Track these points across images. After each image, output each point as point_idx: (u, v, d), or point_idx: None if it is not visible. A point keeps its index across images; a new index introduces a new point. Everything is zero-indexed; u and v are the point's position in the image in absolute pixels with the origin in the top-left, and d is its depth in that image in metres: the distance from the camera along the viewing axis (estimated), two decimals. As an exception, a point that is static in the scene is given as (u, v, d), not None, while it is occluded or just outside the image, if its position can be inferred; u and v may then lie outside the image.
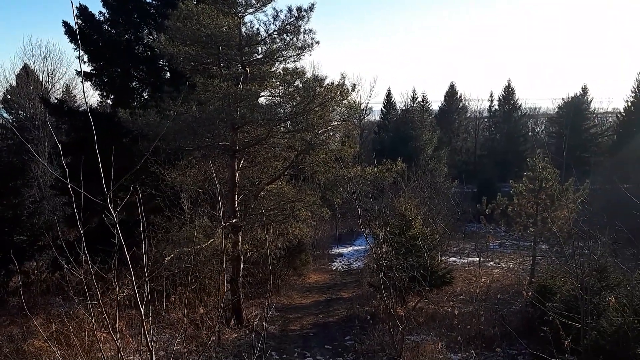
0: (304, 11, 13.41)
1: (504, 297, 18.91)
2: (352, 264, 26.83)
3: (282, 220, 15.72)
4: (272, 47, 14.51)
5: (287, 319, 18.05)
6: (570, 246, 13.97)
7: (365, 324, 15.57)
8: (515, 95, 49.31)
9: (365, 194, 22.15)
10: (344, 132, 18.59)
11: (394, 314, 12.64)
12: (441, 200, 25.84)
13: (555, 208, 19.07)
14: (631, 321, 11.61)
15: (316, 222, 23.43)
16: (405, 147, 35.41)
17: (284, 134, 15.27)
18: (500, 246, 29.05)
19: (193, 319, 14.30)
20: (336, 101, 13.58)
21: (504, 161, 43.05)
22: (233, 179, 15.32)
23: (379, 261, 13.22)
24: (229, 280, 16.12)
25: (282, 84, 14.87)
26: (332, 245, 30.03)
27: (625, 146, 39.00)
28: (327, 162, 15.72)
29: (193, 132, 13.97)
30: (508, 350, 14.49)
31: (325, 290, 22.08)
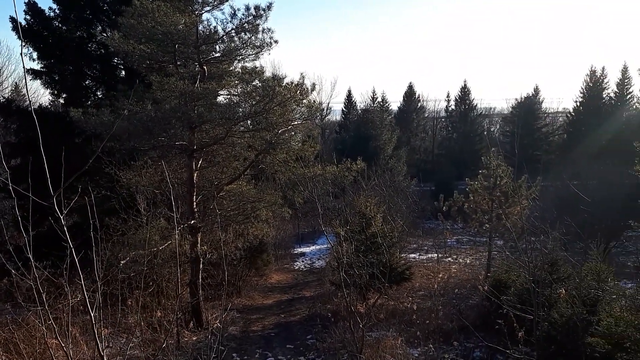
0: (262, 10, 13.35)
1: (461, 291, 19.41)
2: (314, 262, 26.90)
3: (243, 221, 15.59)
4: (230, 45, 14.36)
5: (248, 319, 17.93)
6: (523, 241, 14.49)
7: (327, 322, 15.66)
8: (471, 96, 50.70)
9: (326, 193, 22.28)
10: (305, 132, 18.59)
11: (354, 312, 12.75)
12: (400, 198, 26.30)
13: (509, 204, 19.75)
14: (580, 312, 12.12)
15: (278, 222, 23.36)
16: (366, 147, 35.80)
17: (243, 134, 15.14)
18: (457, 242, 29.84)
19: (150, 322, 13.99)
20: (296, 100, 13.58)
21: (461, 160, 44.14)
22: (191, 180, 15.08)
23: (340, 259, 13.31)
24: (187, 282, 15.86)
25: (240, 83, 14.74)
26: (294, 244, 29.99)
27: (575, 145, 40.81)
28: (288, 161, 15.70)
29: (149, 131, 13.65)
30: (465, 344, 14.89)
31: (288, 289, 22.06)
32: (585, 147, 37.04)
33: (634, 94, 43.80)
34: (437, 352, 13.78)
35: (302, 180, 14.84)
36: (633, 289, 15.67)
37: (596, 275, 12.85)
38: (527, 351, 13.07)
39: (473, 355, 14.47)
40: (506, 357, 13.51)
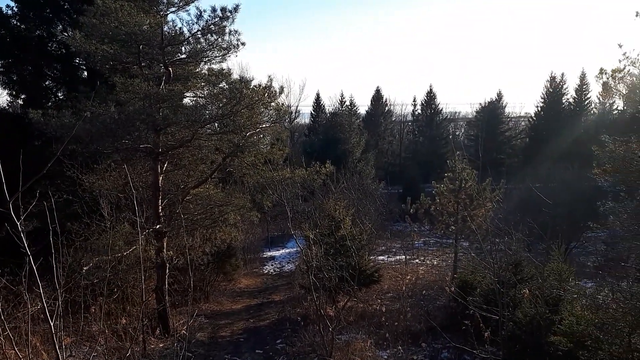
0: (228, 12, 13.21)
1: (429, 293, 19.67)
2: (284, 266, 26.77)
3: (210, 225, 15.35)
4: (196, 47, 14.16)
5: (216, 325, 17.67)
6: (487, 243, 14.82)
7: (297, 326, 15.59)
8: (436, 100, 51.61)
9: (295, 196, 22.22)
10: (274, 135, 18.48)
11: (324, 315, 12.74)
12: (369, 201, 26.48)
13: (474, 207, 20.14)
14: (543, 311, 12.45)
15: (246, 226, 23.12)
16: (335, 150, 35.91)
17: (210, 136, 14.93)
18: (425, 244, 30.25)
19: (115, 330, 13.61)
20: (264, 103, 13.49)
21: (427, 163, 44.86)
22: (156, 183, 14.76)
23: (309, 263, 13.28)
24: (153, 288, 15.51)
25: (207, 85, 14.54)
26: (263, 248, 29.76)
27: (537, 148, 42.08)
28: (257, 164, 15.58)
29: (112, 134, 13.30)
30: (433, 345, 15.08)
31: (257, 294, 21.86)
32: (546, 151, 38.21)
33: (592, 100, 45.58)
34: (405, 353, 13.91)
35: (271, 184, 14.76)
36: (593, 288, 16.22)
37: (558, 275, 13.23)
38: (493, 351, 13.34)
39: (441, 356, 14.66)
40: (473, 357, 13.77)
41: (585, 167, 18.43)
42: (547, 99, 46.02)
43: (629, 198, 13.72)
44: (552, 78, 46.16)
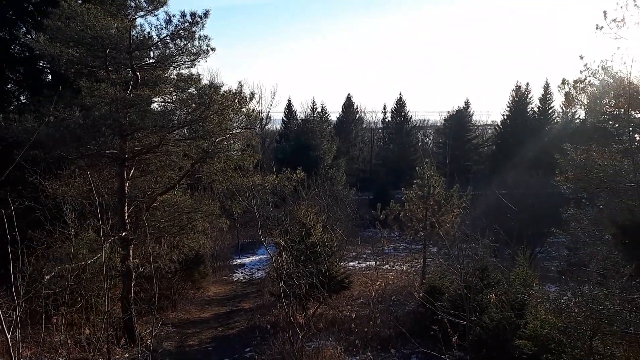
0: (198, 17, 13.10)
1: (398, 298, 19.82)
2: (254, 273, 26.52)
3: (178, 232, 15.10)
4: (165, 52, 13.97)
5: (184, 334, 17.37)
6: (455, 248, 15.06)
7: (266, 334, 15.46)
8: (406, 108, 52.29)
9: (266, 202, 22.09)
10: (244, 141, 18.37)
11: (294, 322, 12.66)
12: (340, 207, 26.56)
13: (442, 213, 20.46)
14: (509, 316, 12.71)
15: (216, 233, 22.85)
16: (306, 156, 35.91)
17: (179, 142, 14.71)
18: (394, 250, 30.51)
19: (78, 340, 13.23)
20: (234, 109, 13.40)
21: (397, 170, 45.35)
22: (122, 189, 14.45)
23: (280, 270, 13.20)
24: (119, 297, 15.13)
25: (176, 90, 14.36)
26: (233, 255, 29.43)
27: (503, 156, 43.12)
28: (226, 170, 15.42)
29: (77, 139, 12.96)
30: (402, 350, 15.18)
31: (226, 302, 21.59)
32: (512, 158, 39.16)
33: (555, 109, 47.02)
34: (375, 359, 13.96)
35: (241, 190, 14.63)
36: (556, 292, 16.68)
37: (523, 280, 13.55)
38: (461, 355, 13.53)
39: (410, 361, 14.79)
40: (441, 362, 13.92)
41: (549, 174, 18.99)
42: (513, 107, 47.28)
43: (589, 205, 14.22)
44: (517, 88, 47.47)
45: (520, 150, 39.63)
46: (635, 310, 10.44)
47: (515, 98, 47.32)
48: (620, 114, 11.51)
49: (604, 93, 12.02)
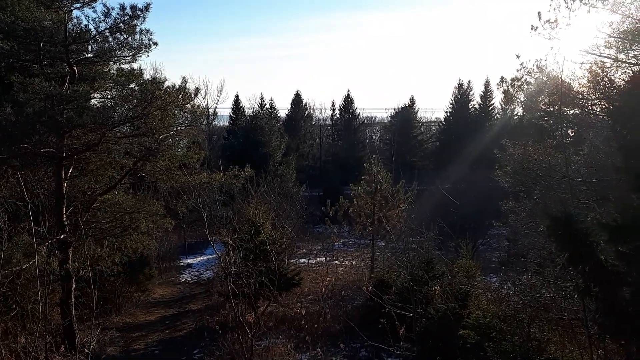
0: (139, 10, 12.61)
1: (347, 293, 20.06)
2: (202, 274, 26.03)
3: (120, 234, 14.52)
4: (103, 46, 13.38)
5: (129, 338, 16.84)
6: (401, 242, 15.38)
7: (215, 335, 15.23)
8: (354, 105, 52.84)
9: (213, 201, 21.69)
10: (190, 138, 17.91)
11: (243, 322, 12.53)
12: (290, 204, 26.50)
13: (389, 208, 20.87)
14: (453, 306, 13.11)
15: (161, 233, 22.21)
16: (255, 153, 35.54)
17: (120, 139, 14.13)
18: (344, 245, 30.84)
19: (14, 349, 12.49)
20: (178, 105, 13.03)
21: (346, 166, 45.73)
22: (60, 190, 13.74)
23: (228, 269, 13.00)
24: (58, 302, 14.41)
25: (116, 86, 13.78)
26: (180, 256, 28.72)
27: (446, 151, 44.46)
28: (171, 169, 14.97)
29: (9, 137, 12.20)
30: (352, 344, 15.37)
31: (173, 304, 21.09)
32: (455, 154, 40.41)
33: (495, 106, 49.00)
34: (325, 355, 14.05)
35: (187, 189, 14.27)
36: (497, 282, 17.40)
37: (466, 271, 14.02)
38: (408, 347, 13.85)
39: (359, 355, 14.99)
40: (389, 354, 14.21)
41: (490, 169, 19.74)
42: (456, 105, 48.84)
43: (527, 198, 14.94)
44: (459, 85, 49.07)
45: (462, 146, 40.94)
46: (569, 298, 11.05)
47: (458, 95, 48.91)
48: (554, 111, 12.10)
49: (539, 91, 12.63)
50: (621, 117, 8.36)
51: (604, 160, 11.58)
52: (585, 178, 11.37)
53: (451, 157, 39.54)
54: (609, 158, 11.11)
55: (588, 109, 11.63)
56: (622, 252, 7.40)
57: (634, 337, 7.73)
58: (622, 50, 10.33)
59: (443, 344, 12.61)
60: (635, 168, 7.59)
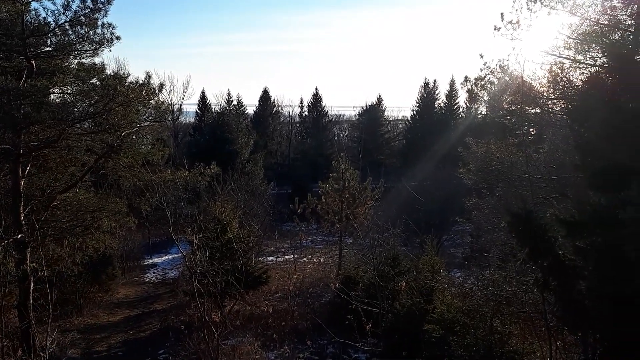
0: (100, 3, 12.22)
1: (315, 290, 20.10)
2: (167, 273, 25.58)
3: (81, 233, 14.08)
4: (63, 39, 12.92)
5: (91, 340, 16.42)
6: (369, 239, 15.53)
7: (181, 335, 15.01)
8: (322, 103, 52.95)
9: (178, 199, 21.33)
10: (154, 134, 17.54)
11: (209, 321, 12.38)
12: (257, 202, 26.33)
13: (356, 205, 21.03)
14: (418, 302, 13.31)
15: (124, 232, 21.70)
16: (222, 150, 35.14)
17: (80, 136, 13.70)
18: (312, 242, 30.90)
19: (-33, 355, 11.96)
20: (141, 101, 12.71)
21: (315, 163, 45.79)
22: (17, 188, 13.22)
23: (193, 268, 12.81)
24: (15, 305, 13.88)
25: (76, 81, 13.34)
26: (144, 255, 28.15)
27: (413, 149, 45.09)
28: (134, 166, 14.60)
29: (-40, 133, 11.66)
30: (319, 341, 15.42)
31: (137, 304, 20.66)
32: (421, 152, 41.03)
33: (460, 105, 49.97)
34: (292, 352, 14.05)
35: (151, 186, 13.97)
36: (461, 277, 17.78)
37: (431, 267, 14.25)
38: (375, 342, 14.01)
39: (327, 351, 15.05)
40: (356, 350, 14.33)
41: (455, 167, 20.14)
42: (422, 103, 49.59)
43: (489, 195, 15.32)
44: (425, 84, 49.82)
45: (428, 144, 41.60)
46: (529, 292, 11.39)
47: (424, 94, 49.66)
48: (516, 110, 12.40)
49: (502, 90, 12.92)
50: (579, 116, 8.67)
51: (563, 158, 11.98)
52: (545, 175, 11.72)
53: (417, 155, 40.11)
54: (567, 156, 11.50)
55: (548, 108, 11.97)
56: (579, 247, 7.68)
57: (590, 329, 8.03)
58: (580, 51, 10.67)
59: (409, 338, 12.79)
60: (592, 166, 7.88)
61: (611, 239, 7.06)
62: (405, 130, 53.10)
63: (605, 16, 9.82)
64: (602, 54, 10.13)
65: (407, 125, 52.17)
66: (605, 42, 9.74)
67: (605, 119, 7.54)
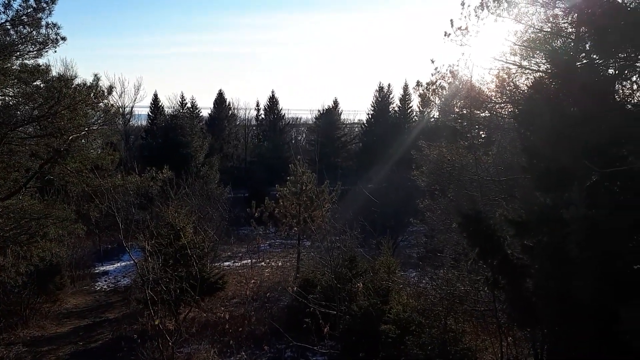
0: (44, 2, 11.72)
1: (273, 295, 19.95)
2: (120, 281, 24.75)
3: (26, 241, 13.41)
4: (4, 39, 12.30)
5: (38, 352, 15.68)
6: (326, 241, 15.58)
7: (134, 344, 14.52)
8: (279, 106, 52.74)
9: (129, 204, 20.71)
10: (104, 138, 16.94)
11: (163, 329, 12.07)
12: (213, 206, 25.91)
13: (314, 208, 21.08)
14: (375, 302, 13.47)
15: (73, 240, 20.85)
16: (175, 154, 34.41)
17: (24, 140, 13.08)
18: (270, 246, 30.69)
19: None
20: (89, 104, 12.28)
21: (272, 167, 45.50)
22: (-46, 195, 12.49)
23: (146, 276, 12.47)
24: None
25: (19, 83, 12.73)
26: (95, 263, 27.13)
27: (369, 152, 45.62)
28: (82, 171, 14.07)
29: None
30: (277, 346, 15.32)
31: (88, 313, 19.88)
32: (377, 155, 41.56)
33: (414, 109, 50.98)
34: (249, 358, 13.89)
35: (100, 192, 13.49)
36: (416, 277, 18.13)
37: (387, 267, 14.46)
38: (333, 345, 14.04)
39: (284, 356, 14.97)
40: (314, 353, 14.33)
41: (409, 169, 20.49)
42: (377, 107, 50.30)
43: (442, 196, 15.70)
44: (380, 88, 50.56)
45: (384, 147, 42.20)
46: (481, 290, 11.74)
47: (379, 98, 50.38)
48: (466, 114, 12.76)
49: (453, 94, 13.27)
50: (525, 120, 9.01)
51: (511, 160, 12.43)
52: (494, 177, 12.13)
53: (373, 158, 40.59)
54: (515, 158, 11.93)
55: (496, 112, 12.40)
56: (526, 245, 7.97)
57: (538, 325, 8.35)
58: (525, 57, 11.12)
59: (366, 339, 12.91)
60: (537, 168, 8.21)
61: (555, 238, 7.38)
62: (361, 134, 53.65)
63: (548, 24, 10.28)
64: (545, 60, 10.59)
65: (363, 128, 52.75)
66: (548, 48, 10.18)
67: (549, 123, 7.88)
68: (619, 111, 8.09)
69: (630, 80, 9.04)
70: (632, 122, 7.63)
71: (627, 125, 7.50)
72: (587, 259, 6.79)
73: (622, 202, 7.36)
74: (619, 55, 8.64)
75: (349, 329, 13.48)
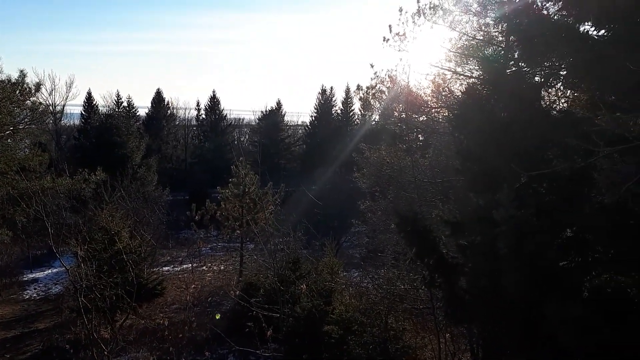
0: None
1: (215, 299, 19.61)
2: (51, 289, 23.43)
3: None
4: None
5: (-47, 371, 14.56)
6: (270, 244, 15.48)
7: (67, 355, 13.86)
8: (221, 106, 51.94)
9: (60, 208, 19.66)
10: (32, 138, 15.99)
11: (97, 338, 11.54)
12: (150, 209, 25.08)
13: (257, 210, 20.91)
14: (318, 304, 13.54)
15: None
16: (110, 155, 33.04)
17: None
18: (212, 250, 30.15)
19: None
20: (14, 101, 11.56)
21: (214, 168, 44.68)
22: None
23: (78, 283, 11.85)
24: None
25: None
26: (24, 270, 25.51)
27: (312, 154, 45.89)
28: (7, 173, 13.24)
29: None
30: (219, 351, 15.07)
31: (14, 324, 18.68)
32: (320, 157, 41.82)
33: (355, 112, 51.79)
34: (190, 365, 13.57)
35: (27, 195, 12.71)
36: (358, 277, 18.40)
37: (330, 268, 14.58)
38: (276, 348, 13.99)
39: (227, 361, 14.75)
40: (258, 357, 14.21)
41: (351, 171, 20.80)
42: (320, 109, 50.74)
43: (382, 198, 16.07)
44: (323, 91, 51.02)
45: (327, 149, 42.54)
46: (420, 289, 12.10)
47: (322, 101, 50.84)
48: (405, 118, 13.13)
49: (392, 98, 13.63)
50: (458, 124, 9.36)
51: (446, 163, 12.90)
52: (431, 179, 12.56)
53: (317, 160, 40.83)
54: (450, 161, 12.39)
55: (433, 117, 12.85)
56: (461, 245, 8.29)
57: (473, 322, 8.71)
58: (460, 64, 11.59)
59: (309, 341, 12.95)
60: (471, 170, 8.56)
61: (487, 237, 7.72)
62: (305, 136, 53.86)
63: (481, 32, 10.76)
64: (478, 67, 11.08)
65: (307, 130, 53.00)
66: (480, 56, 10.65)
67: (481, 128, 8.25)
68: (544, 117, 8.57)
69: (554, 88, 9.64)
70: (556, 127, 8.11)
71: (552, 130, 7.97)
72: (515, 258, 7.15)
73: (547, 203, 7.81)
74: (545, 64, 9.18)
75: (293, 331, 13.47)
